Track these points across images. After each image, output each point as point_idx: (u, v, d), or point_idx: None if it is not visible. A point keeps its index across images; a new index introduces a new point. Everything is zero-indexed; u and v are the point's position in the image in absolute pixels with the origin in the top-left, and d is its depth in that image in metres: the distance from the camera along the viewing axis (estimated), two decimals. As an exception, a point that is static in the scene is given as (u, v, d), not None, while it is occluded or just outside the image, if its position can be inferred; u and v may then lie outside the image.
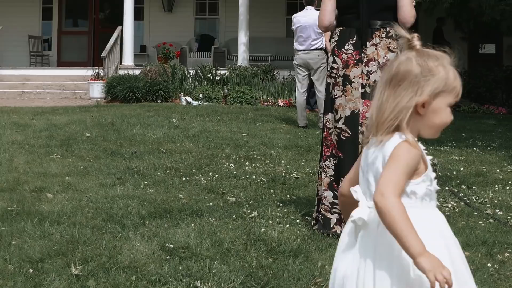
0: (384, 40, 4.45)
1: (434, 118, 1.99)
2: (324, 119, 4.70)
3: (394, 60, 2.03)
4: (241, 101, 13.98)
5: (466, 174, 6.85)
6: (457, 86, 2.01)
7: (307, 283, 3.50)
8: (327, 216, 4.56)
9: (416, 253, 1.84)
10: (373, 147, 2.01)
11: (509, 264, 3.98)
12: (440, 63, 1.98)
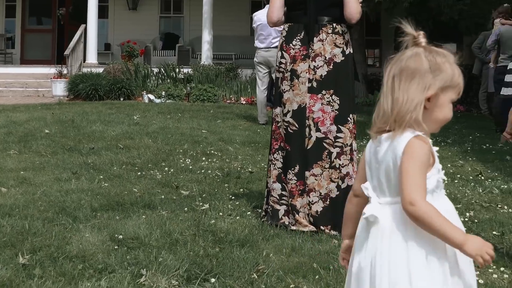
0: (330, 36, 4.56)
1: (438, 113, 2.05)
2: (273, 113, 4.80)
3: (401, 55, 2.07)
4: (204, 99, 14.06)
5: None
6: (460, 83, 2.07)
7: (250, 270, 3.59)
8: (275, 208, 4.66)
9: (459, 243, 1.93)
10: (384, 143, 2.06)
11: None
12: (447, 60, 2.04)
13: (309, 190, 4.55)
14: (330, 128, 4.52)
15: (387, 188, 2.04)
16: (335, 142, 4.52)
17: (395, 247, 2.00)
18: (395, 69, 2.05)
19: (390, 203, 2.04)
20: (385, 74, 2.07)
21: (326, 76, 4.53)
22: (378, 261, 2.02)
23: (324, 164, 4.53)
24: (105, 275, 3.51)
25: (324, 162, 4.53)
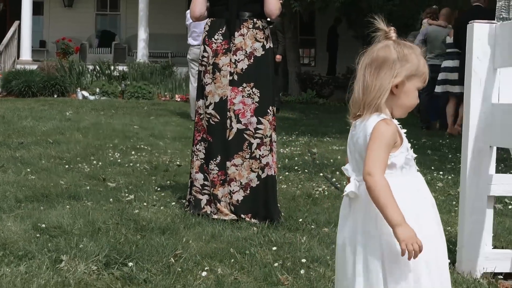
0: (251, 31, 4.71)
1: (404, 99, 2.26)
2: (196, 105, 4.93)
3: (373, 47, 2.28)
4: (138, 96, 14.10)
5: (342, 162, 7.21)
6: (425, 72, 2.29)
7: (169, 255, 3.71)
8: (198, 197, 4.79)
9: (394, 223, 2.12)
10: (358, 127, 2.27)
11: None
12: (413, 52, 2.26)
13: (230, 180, 4.69)
14: (250, 119, 4.67)
15: (361, 164, 2.23)
16: (255, 133, 4.67)
17: (371, 221, 2.21)
18: (367, 59, 2.27)
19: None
20: (359, 64, 2.29)
21: (247, 69, 4.67)
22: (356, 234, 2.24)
23: (244, 155, 4.67)
24: (25, 261, 3.58)
25: (244, 153, 4.67)
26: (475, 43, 3.73)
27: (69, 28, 20.51)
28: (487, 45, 3.70)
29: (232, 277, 3.41)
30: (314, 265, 3.64)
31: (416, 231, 2.14)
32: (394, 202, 2.13)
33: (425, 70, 2.29)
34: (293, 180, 6.26)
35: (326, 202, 5.36)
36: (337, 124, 11.00)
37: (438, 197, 5.61)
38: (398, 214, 2.13)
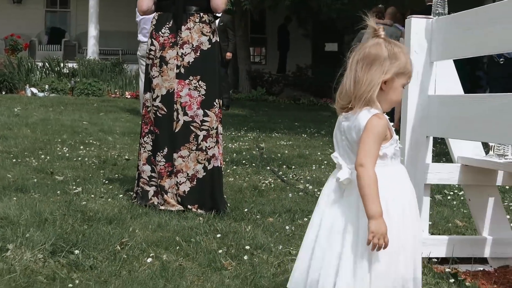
0: (197, 25, 4.79)
1: (392, 95, 2.42)
2: (143, 98, 4.99)
3: (364, 43, 2.43)
4: (88, 92, 14.05)
5: (289, 156, 7.36)
6: (411, 71, 2.46)
7: (115, 243, 3.77)
8: (145, 189, 4.86)
9: (371, 215, 2.29)
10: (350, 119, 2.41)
11: (306, 226, 4.41)
12: (402, 51, 2.42)
13: (177, 171, 4.76)
14: (197, 112, 4.75)
15: (354, 157, 2.39)
16: (201, 126, 4.75)
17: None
18: (359, 55, 2.41)
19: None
20: (350, 59, 2.43)
21: (193, 62, 4.75)
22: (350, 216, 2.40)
23: (191, 146, 4.75)
24: (-30, 251, 3.60)
25: (191, 145, 4.75)
26: (413, 37, 3.87)
27: (18, 24, 20.27)
28: (424, 39, 3.85)
29: (177, 263, 3.49)
30: (257, 252, 3.74)
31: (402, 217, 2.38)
32: (376, 196, 2.31)
33: (410, 68, 2.46)
34: (240, 174, 6.35)
35: (272, 194, 5.47)
36: (286, 121, 11.15)
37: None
38: (377, 208, 2.30)
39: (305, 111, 13.07)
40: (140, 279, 3.17)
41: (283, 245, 3.89)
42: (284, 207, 4.91)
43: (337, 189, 2.48)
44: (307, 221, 4.56)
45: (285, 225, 4.39)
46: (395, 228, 2.36)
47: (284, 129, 9.81)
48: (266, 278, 3.23)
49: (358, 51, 2.43)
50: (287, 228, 4.32)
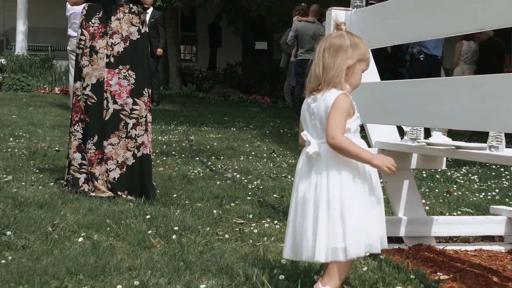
0: (127, 15, 4.91)
1: (353, 79, 2.77)
2: (73, 88, 5.08)
3: (329, 35, 2.80)
4: (17, 88, 13.91)
5: (218, 148, 7.54)
6: (369, 58, 2.83)
7: (46, 225, 3.87)
8: (76, 176, 4.95)
9: (369, 159, 2.65)
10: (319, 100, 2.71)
11: (232, 211, 4.60)
12: (361, 41, 2.78)
13: (107, 159, 4.88)
14: (126, 100, 4.87)
15: (322, 133, 2.68)
16: (131, 114, 4.88)
17: (332, 173, 2.65)
18: (325, 44, 2.75)
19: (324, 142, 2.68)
20: (318, 48, 2.77)
21: (123, 52, 4.88)
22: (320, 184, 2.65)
23: (121, 134, 4.87)
24: None
25: (121, 132, 4.87)
26: (333, 28, 4.08)
27: None
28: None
29: (108, 242, 3.61)
30: (186, 233, 3.89)
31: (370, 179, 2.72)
32: (359, 148, 2.66)
33: (369, 56, 2.81)
34: (170, 164, 6.49)
35: (201, 182, 5.63)
36: (215, 116, 11.32)
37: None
38: (367, 153, 2.67)
39: (234, 107, 13.26)
40: (71, 256, 3.28)
41: (211, 227, 4.05)
42: (212, 194, 5.08)
43: (307, 163, 2.75)
44: (234, 205, 4.76)
45: (212, 209, 4.55)
46: (366, 188, 2.70)
47: (213, 123, 9.98)
48: (194, 255, 3.38)
49: (324, 41, 2.77)
50: (215, 212, 4.49)
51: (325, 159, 2.68)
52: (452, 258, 3.85)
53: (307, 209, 2.70)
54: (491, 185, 6.05)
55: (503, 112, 2.73)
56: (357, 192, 2.66)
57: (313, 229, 2.66)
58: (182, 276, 2.99)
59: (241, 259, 3.34)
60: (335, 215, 2.63)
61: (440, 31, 3.34)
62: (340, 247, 2.61)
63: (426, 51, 9.26)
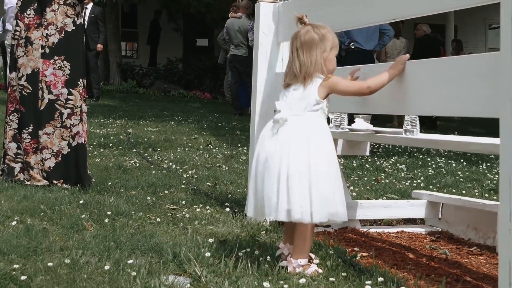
0: (62, 7, 4.99)
1: (329, 65, 3.01)
2: (9, 78, 5.14)
3: (298, 33, 3.03)
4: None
5: (155, 141, 7.64)
6: (338, 42, 3.05)
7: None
8: (11, 166, 5.00)
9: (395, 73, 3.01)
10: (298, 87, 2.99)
11: (166, 198, 4.72)
12: (327, 30, 3.01)
13: (42, 148, 4.95)
14: (61, 90, 4.95)
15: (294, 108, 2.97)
16: (66, 104, 4.96)
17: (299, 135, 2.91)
18: (297, 43, 3.00)
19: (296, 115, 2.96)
20: (290, 47, 3.05)
21: (58, 43, 4.95)
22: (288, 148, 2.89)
23: (56, 124, 4.95)
24: None
25: (56, 122, 4.95)
26: (261, 19, 4.26)
27: None
28: (272, 22, 4.24)
29: (42, 226, 3.70)
30: (118, 217, 4.00)
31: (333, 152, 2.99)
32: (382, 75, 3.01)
33: (337, 41, 3.04)
34: (107, 155, 6.58)
35: (137, 172, 5.74)
36: (155, 110, 11.40)
37: (240, 167, 6.16)
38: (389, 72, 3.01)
39: (174, 102, 13.36)
40: (4, 238, 3.36)
41: (144, 213, 4.17)
42: (147, 182, 5.20)
43: (272, 129, 2.98)
44: (168, 193, 4.89)
45: (146, 196, 4.67)
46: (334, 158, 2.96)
47: (152, 117, 10.07)
48: (125, 236, 3.50)
49: (295, 40, 3.02)
50: (149, 198, 4.61)
51: (291, 126, 2.93)
52: (374, 239, 4.06)
53: (271, 170, 2.92)
54: (418, 173, 6.32)
55: (411, 97, 2.94)
56: (325, 160, 2.90)
57: (276, 190, 2.88)
58: (112, 255, 3.10)
59: (171, 239, 3.47)
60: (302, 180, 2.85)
61: (358, 22, 3.54)
62: (305, 210, 2.84)
63: (358, 46, 9.52)
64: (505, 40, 2.27)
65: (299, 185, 2.86)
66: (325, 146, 2.94)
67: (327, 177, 2.89)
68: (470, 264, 3.50)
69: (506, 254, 2.28)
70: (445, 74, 2.69)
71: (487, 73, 2.43)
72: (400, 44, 12.36)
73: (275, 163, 2.90)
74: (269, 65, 4.24)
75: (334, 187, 2.91)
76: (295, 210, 2.85)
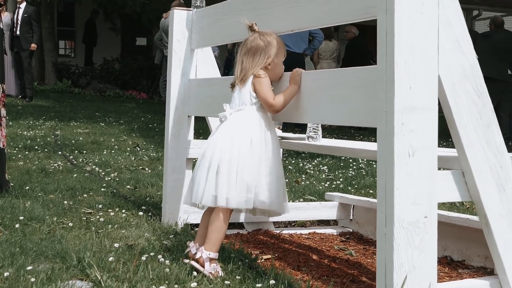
0: (-21, 11, 4.99)
1: (276, 69, 3.23)
2: None
3: (246, 40, 3.24)
4: None
5: (82, 142, 7.65)
6: (283, 47, 3.27)
7: None
8: None
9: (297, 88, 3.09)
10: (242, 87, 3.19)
11: (84, 201, 4.76)
12: (274, 37, 3.21)
13: (-41, 152, 4.94)
14: (-21, 95, 4.95)
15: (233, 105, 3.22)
16: (-16, 108, 4.96)
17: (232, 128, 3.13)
18: (244, 50, 3.21)
19: (236, 110, 3.20)
20: (238, 53, 3.24)
21: (-25, 48, 4.95)
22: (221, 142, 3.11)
23: (-27, 128, 4.95)
24: None
25: (-27, 126, 4.94)
26: (175, 27, 4.33)
27: None
28: (185, 29, 4.32)
29: (-50, 232, 3.71)
30: (31, 222, 4.02)
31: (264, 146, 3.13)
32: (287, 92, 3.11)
33: (282, 45, 3.24)
34: (31, 158, 6.56)
35: (59, 175, 5.76)
36: (88, 111, 11.37)
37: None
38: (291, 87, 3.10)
39: (109, 102, 13.34)
40: None
41: (58, 217, 4.20)
42: (67, 186, 5.22)
43: (217, 126, 3.26)
44: (86, 197, 4.93)
45: (64, 200, 4.70)
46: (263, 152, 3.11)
47: (83, 118, 10.06)
48: (33, 242, 3.53)
49: (243, 47, 3.23)
50: (65, 202, 4.64)
51: (231, 123, 3.16)
52: (283, 241, 4.18)
53: (204, 160, 3.16)
54: (338, 175, 6.47)
55: (304, 106, 3.06)
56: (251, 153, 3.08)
57: (205, 178, 3.10)
58: (16, 261, 3.13)
59: (80, 244, 3.52)
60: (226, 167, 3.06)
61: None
62: (224, 196, 3.05)
63: (287, 49, 9.68)
64: (381, 54, 2.40)
65: (223, 172, 3.06)
66: (251, 136, 3.12)
67: (250, 165, 3.07)
68: (371, 264, 3.63)
69: (383, 257, 2.41)
70: (330, 85, 2.82)
71: (366, 85, 2.57)
72: (333, 46, 12.59)
73: (209, 153, 3.15)
74: (183, 71, 4.32)
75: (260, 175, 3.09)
76: (219, 197, 3.06)
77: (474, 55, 2.55)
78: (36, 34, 13.17)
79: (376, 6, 2.44)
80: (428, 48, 2.40)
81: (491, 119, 2.58)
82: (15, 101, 12.53)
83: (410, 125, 2.36)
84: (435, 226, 2.43)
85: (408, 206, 2.36)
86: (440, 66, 2.45)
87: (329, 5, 2.87)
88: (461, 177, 2.57)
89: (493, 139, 2.57)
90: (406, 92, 2.35)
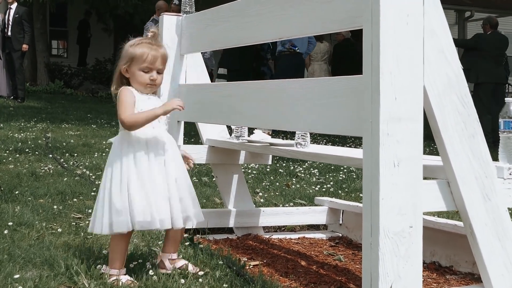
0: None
1: (136, 78, 3.04)
2: None
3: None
4: None
5: (73, 145, 7.65)
6: (148, 59, 3.03)
7: None
8: None
9: (161, 111, 3.02)
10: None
11: (74, 206, 4.76)
12: (142, 45, 3.06)
13: None
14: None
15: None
16: (-27, 112, 4.96)
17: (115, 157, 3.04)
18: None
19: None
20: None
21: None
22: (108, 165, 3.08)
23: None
24: None
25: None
26: (165, 32, 4.33)
27: None
28: (175, 34, 4.32)
29: None
30: (20, 228, 4.01)
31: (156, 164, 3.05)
32: (146, 112, 2.98)
33: (148, 57, 3.03)
34: (22, 161, 6.56)
35: (49, 179, 5.75)
36: (80, 113, 11.36)
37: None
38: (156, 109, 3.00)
39: (102, 103, 13.32)
40: None
41: (47, 222, 4.20)
42: (57, 190, 5.22)
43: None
44: (76, 201, 4.93)
45: (54, 205, 4.70)
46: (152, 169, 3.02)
47: (75, 120, 10.05)
48: (22, 249, 3.53)
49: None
50: (55, 207, 4.63)
51: (115, 146, 3.08)
52: (273, 246, 4.18)
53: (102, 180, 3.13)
54: (329, 178, 6.49)
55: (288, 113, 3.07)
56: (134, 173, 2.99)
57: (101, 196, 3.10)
58: (3, 269, 3.13)
59: (68, 251, 3.52)
60: (106, 193, 3.05)
61: (250, 39, 3.65)
62: (106, 222, 3.02)
63: (294, 49, 9.78)
64: (366, 64, 2.41)
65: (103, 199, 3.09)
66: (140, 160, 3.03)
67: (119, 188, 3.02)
68: (359, 270, 3.63)
69: (368, 266, 2.42)
70: (315, 93, 2.82)
71: (352, 95, 2.58)
72: (324, 48, 12.62)
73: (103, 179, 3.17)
74: (173, 77, 4.32)
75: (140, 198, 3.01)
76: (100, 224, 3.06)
77: (459, 65, 2.56)
78: (28, 34, 13.16)
79: (362, 16, 2.45)
80: (413, 59, 2.42)
81: (476, 129, 2.59)
82: (6, 102, 12.51)
83: (396, 136, 2.37)
84: (421, 236, 2.45)
85: (393, 216, 2.38)
86: (426, 76, 2.46)
87: (315, 14, 2.87)
88: (446, 187, 2.59)
89: (478, 149, 2.59)
90: (391, 102, 2.36)
